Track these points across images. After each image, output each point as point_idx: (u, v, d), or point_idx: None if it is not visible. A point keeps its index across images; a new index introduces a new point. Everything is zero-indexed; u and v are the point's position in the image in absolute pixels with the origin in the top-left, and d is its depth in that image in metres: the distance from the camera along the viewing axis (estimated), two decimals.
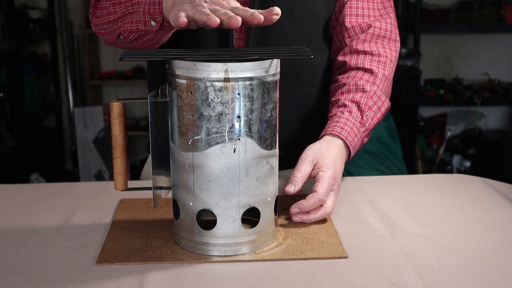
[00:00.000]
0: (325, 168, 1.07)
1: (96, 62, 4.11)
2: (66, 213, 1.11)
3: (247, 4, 1.20)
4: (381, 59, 1.25)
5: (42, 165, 3.75)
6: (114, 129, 0.96)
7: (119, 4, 1.14)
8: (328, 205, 1.05)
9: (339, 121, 1.17)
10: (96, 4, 1.22)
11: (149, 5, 1.06)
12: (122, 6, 1.14)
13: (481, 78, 4.09)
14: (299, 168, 1.07)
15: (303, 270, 0.90)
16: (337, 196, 1.10)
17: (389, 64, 1.27)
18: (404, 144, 3.60)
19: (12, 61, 3.19)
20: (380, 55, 1.26)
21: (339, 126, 1.16)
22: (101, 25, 1.21)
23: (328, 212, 1.05)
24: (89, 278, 0.88)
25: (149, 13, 1.07)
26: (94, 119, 3.93)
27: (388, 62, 1.26)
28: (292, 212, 1.04)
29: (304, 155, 1.10)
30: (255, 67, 0.88)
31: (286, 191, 1.05)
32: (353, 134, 1.16)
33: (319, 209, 1.05)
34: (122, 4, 1.14)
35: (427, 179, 1.32)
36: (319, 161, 1.09)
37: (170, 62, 0.91)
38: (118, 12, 1.15)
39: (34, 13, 3.56)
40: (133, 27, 1.11)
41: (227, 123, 0.89)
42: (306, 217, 1.04)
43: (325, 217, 1.05)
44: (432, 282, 0.86)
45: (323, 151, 1.10)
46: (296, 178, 1.06)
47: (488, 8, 3.81)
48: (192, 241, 0.94)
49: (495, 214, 1.11)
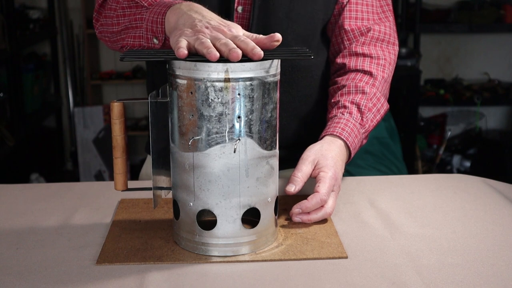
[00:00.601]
0: (326, 168, 1.07)
1: (96, 62, 4.11)
2: (66, 213, 1.11)
3: (247, 6, 1.21)
4: (380, 61, 1.26)
5: (42, 165, 3.75)
6: (115, 129, 0.96)
7: (123, 16, 1.15)
8: (328, 206, 1.05)
9: (340, 122, 1.17)
10: (100, 11, 1.22)
11: (152, 23, 1.07)
12: (126, 19, 1.14)
13: (481, 78, 4.10)
14: (299, 168, 1.07)
15: (303, 271, 0.90)
16: (337, 197, 1.10)
17: (388, 67, 1.27)
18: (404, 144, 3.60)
19: (12, 61, 3.19)
20: (379, 58, 1.26)
21: (339, 127, 1.16)
22: (104, 33, 1.21)
23: (328, 213, 1.05)
24: (89, 278, 0.88)
25: (152, 31, 1.08)
26: (94, 119, 3.93)
27: (387, 65, 1.27)
28: (294, 213, 1.05)
29: (305, 155, 1.10)
30: (256, 68, 0.88)
31: (287, 191, 1.05)
32: (353, 135, 1.16)
33: (320, 209, 1.05)
34: (126, 17, 1.14)
35: (427, 179, 1.32)
36: (320, 162, 1.09)
37: (170, 62, 0.91)
38: (121, 24, 1.15)
39: (34, 13, 3.57)
40: (136, 42, 1.12)
41: (228, 123, 0.89)
42: (306, 217, 1.04)
43: (326, 217, 1.06)
44: (432, 282, 0.86)
45: (324, 151, 1.11)
46: (297, 178, 1.06)
47: (488, 8, 3.82)
48: (192, 241, 0.95)
49: (495, 214, 1.11)
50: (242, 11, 1.21)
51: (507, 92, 3.93)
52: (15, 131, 3.20)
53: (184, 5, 1.02)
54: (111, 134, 0.96)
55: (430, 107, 4.06)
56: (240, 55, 0.87)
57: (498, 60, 4.11)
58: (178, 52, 0.89)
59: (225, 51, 0.88)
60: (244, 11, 1.21)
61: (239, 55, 0.87)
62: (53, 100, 3.93)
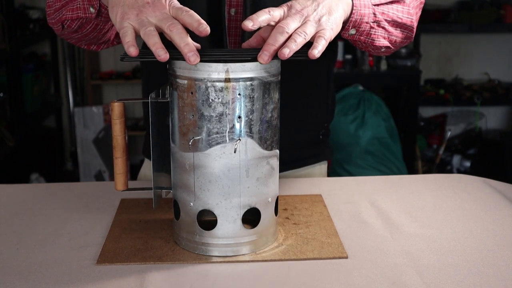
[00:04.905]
0: None
1: (96, 62, 4.11)
2: (66, 213, 1.11)
3: (240, 8, 1.18)
4: None
5: (42, 165, 3.75)
6: (115, 129, 0.96)
7: None
8: (289, 26, 0.92)
9: None
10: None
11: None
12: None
13: (481, 78, 4.10)
14: (271, 9, 0.94)
15: (303, 271, 0.90)
16: (313, 25, 0.94)
17: None
18: (404, 144, 3.61)
19: (12, 61, 3.19)
20: None
21: None
22: (51, 15, 1.20)
23: (284, 29, 0.90)
24: (89, 278, 0.88)
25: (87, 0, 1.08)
26: (94, 119, 3.92)
27: None
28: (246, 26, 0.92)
29: None
30: (256, 68, 0.88)
31: (244, 26, 0.92)
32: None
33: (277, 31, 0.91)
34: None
35: (427, 179, 1.32)
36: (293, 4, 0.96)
37: (170, 62, 0.91)
38: (62, 0, 1.15)
39: (34, 13, 3.57)
40: (74, 15, 1.12)
41: (228, 123, 0.89)
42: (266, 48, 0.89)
43: (282, 39, 0.90)
44: (432, 282, 0.86)
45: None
46: (255, 16, 0.92)
47: (488, 8, 3.82)
48: (193, 241, 0.95)
49: (495, 214, 1.11)
50: (235, 14, 1.18)
51: (507, 92, 3.93)
52: (15, 131, 3.20)
53: None
54: (111, 134, 0.96)
55: (430, 107, 4.06)
56: (192, 48, 0.86)
57: (498, 60, 4.11)
58: (129, 51, 0.88)
59: (176, 41, 0.87)
60: (237, 13, 1.18)
61: (193, 50, 0.85)
62: (53, 100, 3.93)
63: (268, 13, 0.92)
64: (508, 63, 4.13)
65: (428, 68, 4.06)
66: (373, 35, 1.11)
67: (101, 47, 1.27)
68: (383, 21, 1.10)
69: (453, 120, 4.07)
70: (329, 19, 0.95)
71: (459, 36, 4.08)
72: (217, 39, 1.18)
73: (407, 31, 1.17)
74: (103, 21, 1.13)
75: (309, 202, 1.14)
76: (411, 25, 1.16)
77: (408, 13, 1.15)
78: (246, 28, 0.91)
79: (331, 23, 0.96)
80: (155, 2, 0.92)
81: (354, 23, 1.05)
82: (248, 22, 0.91)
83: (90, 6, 1.09)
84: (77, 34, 1.18)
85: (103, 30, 1.17)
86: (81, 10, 1.11)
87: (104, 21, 1.13)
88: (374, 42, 1.12)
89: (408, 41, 1.21)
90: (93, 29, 1.16)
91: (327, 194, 1.19)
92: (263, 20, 0.92)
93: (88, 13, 1.10)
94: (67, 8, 1.14)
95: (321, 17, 0.95)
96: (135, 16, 0.91)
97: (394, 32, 1.14)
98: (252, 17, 0.91)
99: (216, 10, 1.18)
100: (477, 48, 4.11)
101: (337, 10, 0.98)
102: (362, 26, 1.07)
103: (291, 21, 0.92)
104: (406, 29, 1.16)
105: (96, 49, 1.27)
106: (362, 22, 1.06)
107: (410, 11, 1.15)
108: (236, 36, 1.20)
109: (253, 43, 0.98)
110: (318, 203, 1.14)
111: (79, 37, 1.20)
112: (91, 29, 1.16)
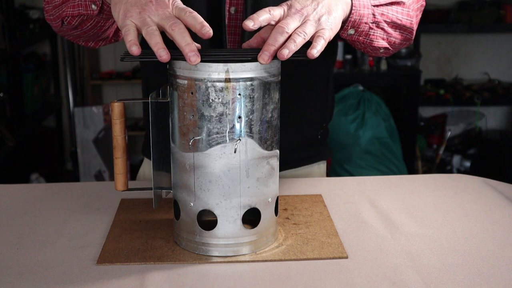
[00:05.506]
0: None
1: (96, 62, 4.11)
2: (66, 213, 1.11)
3: (240, 6, 1.18)
4: None
5: (42, 165, 3.75)
6: (115, 129, 0.96)
7: None
8: (289, 26, 0.92)
9: None
10: None
11: None
12: None
13: (481, 78, 4.10)
14: (271, 8, 0.94)
15: (303, 271, 0.90)
16: (313, 25, 0.94)
17: None
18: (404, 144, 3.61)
19: (12, 61, 3.19)
20: None
21: None
22: (50, 11, 1.20)
23: (284, 30, 0.91)
24: (89, 278, 0.88)
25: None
26: (94, 119, 3.92)
27: None
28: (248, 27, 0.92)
29: None
30: (256, 68, 0.88)
31: (245, 26, 0.92)
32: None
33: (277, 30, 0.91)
34: None
35: (427, 179, 1.32)
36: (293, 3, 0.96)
37: (171, 62, 0.91)
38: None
39: (34, 13, 3.56)
40: (75, 11, 1.12)
41: (228, 123, 0.89)
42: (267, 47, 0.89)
43: (282, 39, 0.90)
44: (432, 282, 0.87)
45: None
46: (256, 15, 0.92)
47: (488, 8, 3.82)
48: (193, 241, 0.95)
49: (495, 214, 1.11)
50: (235, 12, 1.18)
51: (507, 92, 3.93)
52: (15, 131, 3.20)
53: None
54: (112, 134, 0.96)
55: (430, 107, 4.06)
56: (193, 48, 0.86)
57: (498, 60, 4.11)
58: (131, 50, 0.88)
59: (178, 40, 0.87)
60: (237, 12, 1.18)
61: (194, 50, 0.86)
62: (53, 100, 3.93)
63: (269, 12, 0.92)
64: (508, 63, 4.13)
65: (428, 68, 4.06)
66: (372, 36, 1.11)
67: (99, 44, 1.27)
68: (382, 22, 1.10)
69: (453, 120, 4.07)
70: (328, 18, 0.96)
71: (459, 36, 4.09)
72: (216, 38, 1.18)
73: (406, 33, 1.17)
74: (104, 19, 1.13)
75: (309, 202, 1.14)
76: (410, 27, 1.16)
77: (408, 15, 1.15)
78: (246, 28, 0.91)
79: (331, 23, 0.96)
80: (158, 1, 0.92)
81: (353, 23, 1.05)
82: (249, 22, 0.91)
83: (92, 3, 1.09)
84: (77, 31, 1.18)
85: (104, 27, 1.16)
86: (83, 7, 1.10)
87: (105, 19, 1.13)
88: (372, 43, 1.12)
89: (408, 43, 1.21)
90: (94, 26, 1.15)
91: (327, 194, 1.19)
92: (264, 19, 0.92)
93: (89, 10, 1.10)
94: (68, 4, 1.13)
95: (320, 16, 0.95)
96: (138, 14, 0.91)
97: (393, 33, 1.14)
98: (253, 16, 0.91)
99: (216, 8, 1.18)
100: (477, 48, 4.11)
101: (336, 9, 0.98)
102: (361, 27, 1.07)
103: (291, 21, 0.92)
104: (405, 31, 1.16)
105: (94, 45, 1.27)
106: (361, 22, 1.06)
107: (410, 13, 1.15)
108: (235, 35, 1.20)
109: (253, 44, 0.98)
110: (318, 203, 1.14)
111: (78, 33, 1.20)
112: (92, 26, 1.15)
